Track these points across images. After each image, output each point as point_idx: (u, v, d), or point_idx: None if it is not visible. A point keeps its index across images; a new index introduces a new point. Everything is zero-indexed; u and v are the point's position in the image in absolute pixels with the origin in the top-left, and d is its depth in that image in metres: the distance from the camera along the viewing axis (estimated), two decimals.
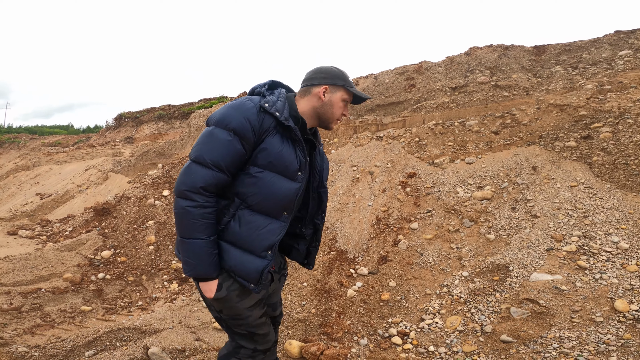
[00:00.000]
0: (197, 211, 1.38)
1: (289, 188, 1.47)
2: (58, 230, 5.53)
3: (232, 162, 1.41)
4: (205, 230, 1.40)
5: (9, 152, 15.00)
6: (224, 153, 1.38)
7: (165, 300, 4.14)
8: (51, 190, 9.20)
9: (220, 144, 1.39)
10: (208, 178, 1.38)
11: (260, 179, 1.43)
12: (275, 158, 1.43)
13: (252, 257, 1.46)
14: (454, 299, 3.39)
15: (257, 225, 1.45)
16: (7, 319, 3.79)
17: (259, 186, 1.44)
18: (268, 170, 1.44)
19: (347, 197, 5.13)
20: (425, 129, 6.02)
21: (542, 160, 4.66)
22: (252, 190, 1.44)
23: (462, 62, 7.14)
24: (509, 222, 3.97)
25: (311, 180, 1.65)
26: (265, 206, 1.46)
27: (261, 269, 1.46)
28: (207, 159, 1.38)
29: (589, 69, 6.10)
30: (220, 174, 1.40)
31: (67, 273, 4.26)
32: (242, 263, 1.45)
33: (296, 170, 1.48)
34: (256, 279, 1.47)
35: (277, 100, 1.48)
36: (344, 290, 3.75)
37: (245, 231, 1.45)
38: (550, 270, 3.19)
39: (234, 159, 1.40)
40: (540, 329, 2.70)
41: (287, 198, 1.47)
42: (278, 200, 1.46)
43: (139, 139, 11.81)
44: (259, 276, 1.46)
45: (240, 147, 1.40)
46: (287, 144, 1.46)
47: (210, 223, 1.41)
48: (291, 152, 1.46)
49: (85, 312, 3.93)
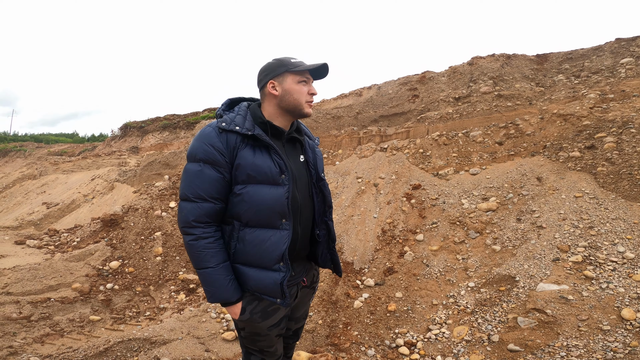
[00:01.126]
0: (198, 243, 1.44)
1: (276, 193, 1.45)
2: (66, 240, 5.59)
3: (211, 189, 1.44)
4: (211, 259, 1.44)
5: (15, 161, 15.15)
6: (199, 184, 1.43)
7: (172, 311, 4.16)
8: (57, 200, 9.28)
9: (194, 176, 1.44)
10: (195, 211, 1.44)
11: (245, 194, 1.45)
12: (251, 169, 1.44)
13: (267, 272, 1.46)
14: (461, 309, 3.41)
15: (260, 241, 1.46)
16: (17, 328, 3.82)
17: (246, 201, 1.45)
18: (251, 184, 1.45)
19: (353, 209, 5.17)
20: (429, 140, 6.07)
21: (546, 170, 4.69)
22: (242, 207, 1.46)
23: (465, 72, 7.21)
24: (515, 233, 3.99)
25: (310, 177, 1.63)
26: (260, 219, 1.46)
27: (279, 282, 1.46)
28: (188, 193, 1.45)
29: (592, 78, 6.15)
30: (205, 204, 1.44)
31: (76, 283, 4.30)
32: (260, 281, 1.47)
33: (277, 173, 1.46)
34: (279, 293, 1.47)
35: (236, 116, 1.50)
36: (351, 301, 3.77)
37: (251, 249, 1.47)
38: (557, 281, 3.21)
39: (212, 185, 1.44)
40: (548, 337, 2.72)
41: (277, 204, 1.44)
42: (269, 209, 1.44)
43: (144, 149, 11.92)
44: (280, 289, 1.46)
45: (214, 172, 1.44)
46: (259, 152, 1.47)
47: (215, 251, 1.45)
48: (266, 158, 1.46)
49: (94, 322, 3.96)
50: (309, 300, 1.81)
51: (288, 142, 1.61)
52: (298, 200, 1.54)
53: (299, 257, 1.62)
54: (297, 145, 1.65)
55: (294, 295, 1.63)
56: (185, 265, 4.82)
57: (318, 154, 1.72)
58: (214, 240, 1.46)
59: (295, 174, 1.55)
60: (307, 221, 1.60)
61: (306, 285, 1.69)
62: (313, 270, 1.75)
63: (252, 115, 1.54)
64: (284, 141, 1.59)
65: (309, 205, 1.61)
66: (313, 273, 1.75)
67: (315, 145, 1.73)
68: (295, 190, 1.53)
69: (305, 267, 1.68)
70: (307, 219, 1.60)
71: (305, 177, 1.61)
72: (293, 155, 1.61)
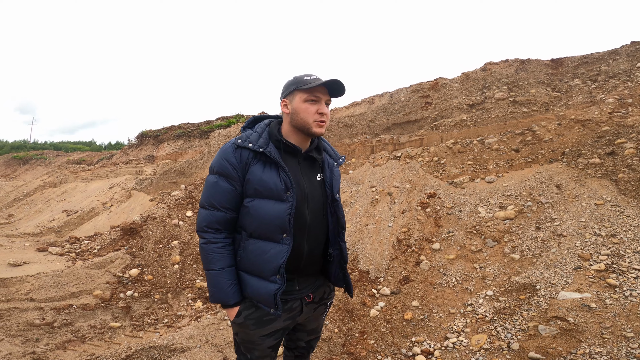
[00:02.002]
0: (208, 247, 1.57)
1: (279, 209, 1.51)
2: (86, 247, 5.73)
3: (223, 200, 1.56)
4: (217, 262, 1.56)
5: (35, 169, 15.64)
6: (214, 193, 1.57)
7: (190, 318, 4.21)
8: (77, 207, 9.52)
9: (210, 187, 1.59)
10: (208, 217, 1.57)
11: (251, 207, 1.54)
12: (258, 184, 1.52)
13: (264, 282, 1.54)
14: (479, 317, 3.36)
15: (261, 251, 1.54)
16: (40, 334, 3.92)
17: (251, 214, 1.54)
18: (257, 198, 1.54)
19: (367, 218, 5.16)
20: (443, 147, 6.04)
21: (565, 178, 4.62)
22: (248, 219, 1.56)
23: (478, 78, 7.16)
24: (534, 242, 3.92)
25: (325, 196, 1.66)
26: (262, 231, 1.54)
27: (273, 293, 1.51)
28: (204, 201, 1.60)
29: (609, 82, 6.04)
30: (216, 212, 1.57)
31: (97, 290, 4.40)
32: (257, 289, 1.55)
33: (282, 190, 1.52)
34: (272, 303, 1.53)
35: (252, 133, 1.60)
36: (367, 310, 3.76)
37: (253, 258, 1.55)
38: (579, 289, 3.14)
39: (224, 196, 1.56)
40: (570, 345, 2.67)
41: (279, 219, 1.50)
42: (271, 223, 1.51)
43: (160, 157, 12.16)
44: (274, 300, 1.51)
45: (227, 184, 1.56)
46: (269, 168, 1.54)
47: (222, 256, 1.57)
48: (273, 175, 1.53)
49: (114, 329, 4.04)
50: (320, 315, 1.84)
51: (305, 160, 1.65)
52: (306, 217, 1.58)
53: (306, 274, 1.66)
54: (315, 163, 1.68)
55: (297, 309, 1.67)
56: (201, 273, 4.88)
57: (335, 173, 1.73)
58: (222, 246, 1.57)
59: (306, 192, 1.59)
60: (317, 239, 1.64)
61: (312, 301, 1.71)
62: (325, 287, 1.78)
63: (269, 132, 1.62)
64: (300, 159, 1.63)
65: (322, 223, 1.65)
66: (324, 290, 1.77)
67: (334, 165, 1.74)
68: (304, 208, 1.58)
69: (315, 284, 1.72)
70: (317, 237, 1.64)
71: (320, 195, 1.64)
72: (310, 173, 1.65)
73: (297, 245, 1.57)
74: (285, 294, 1.60)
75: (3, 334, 3.81)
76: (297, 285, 1.64)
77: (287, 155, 1.61)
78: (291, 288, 1.62)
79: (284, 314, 1.63)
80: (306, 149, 1.65)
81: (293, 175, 1.58)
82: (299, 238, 1.57)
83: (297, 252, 1.58)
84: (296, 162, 1.62)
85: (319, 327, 1.91)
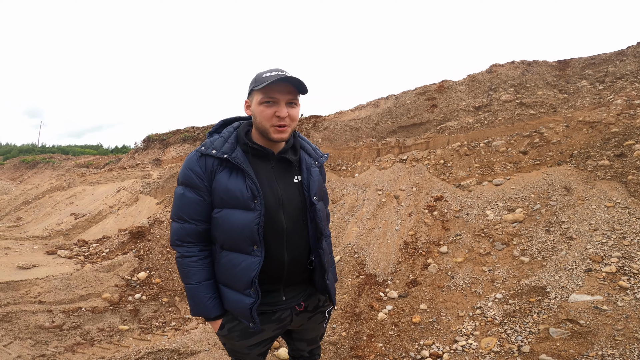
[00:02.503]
0: (183, 261, 1.51)
1: (246, 218, 1.41)
2: (95, 251, 5.77)
3: (192, 211, 1.48)
4: (193, 276, 1.50)
5: (43, 172, 15.81)
6: (181, 205, 1.49)
7: (197, 321, 4.22)
8: (85, 211, 9.60)
9: (178, 199, 1.51)
10: (179, 231, 1.51)
11: (219, 218, 1.46)
12: (224, 193, 1.43)
13: (239, 295, 1.46)
14: (488, 320, 3.34)
15: (233, 264, 1.46)
16: (49, 337, 3.95)
17: (220, 224, 1.46)
18: (225, 208, 1.45)
19: (374, 222, 5.15)
20: (450, 150, 6.02)
21: (574, 180, 4.58)
22: (218, 230, 1.47)
23: (484, 80, 7.15)
24: (544, 245, 3.89)
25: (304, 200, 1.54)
26: (232, 243, 1.45)
27: (249, 307, 1.44)
28: (174, 214, 1.53)
29: (617, 83, 5.99)
30: (186, 225, 1.49)
31: (105, 293, 4.43)
32: (234, 302, 1.48)
33: (248, 198, 1.41)
34: (249, 317, 1.45)
35: (218, 138, 1.50)
36: (375, 314, 3.74)
37: (226, 271, 1.48)
38: (590, 291, 3.12)
39: (192, 208, 1.48)
40: (582, 347, 2.64)
41: (246, 229, 1.40)
42: (238, 234, 1.42)
43: (166, 161, 12.25)
44: (250, 314, 1.44)
45: (194, 195, 1.47)
46: (235, 175, 1.44)
47: (197, 270, 1.50)
48: (239, 182, 1.42)
49: (123, 331, 4.05)
50: (319, 324, 1.76)
51: (279, 163, 1.54)
52: (283, 224, 1.48)
53: (292, 283, 1.56)
54: (291, 165, 1.55)
55: (288, 319, 1.60)
56: None
57: (313, 174, 1.57)
58: (197, 260, 1.50)
59: (281, 197, 1.48)
60: (298, 247, 1.52)
61: (304, 310, 1.64)
62: (319, 295, 1.67)
63: (236, 136, 1.51)
64: (273, 162, 1.52)
65: (303, 229, 1.53)
66: (319, 298, 1.68)
67: (312, 164, 1.59)
68: (279, 215, 1.47)
69: (306, 292, 1.63)
70: (298, 244, 1.52)
71: (297, 200, 1.53)
72: (285, 176, 1.53)
73: (276, 254, 1.47)
74: (271, 305, 1.53)
75: (12, 336, 3.84)
76: (283, 296, 1.55)
77: (257, 159, 1.49)
78: (277, 299, 1.54)
79: (272, 324, 1.57)
80: (280, 150, 1.52)
81: (265, 180, 1.47)
82: (277, 247, 1.47)
83: (278, 261, 1.48)
84: (268, 166, 1.51)
85: (320, 336, 1.85)
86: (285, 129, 1.42)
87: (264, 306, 1.51)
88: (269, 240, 1.46)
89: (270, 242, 1.46)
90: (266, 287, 1.50)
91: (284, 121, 1.41)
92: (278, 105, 1.40)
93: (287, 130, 1.43)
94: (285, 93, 1.40)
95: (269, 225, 1.45)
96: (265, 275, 1.47)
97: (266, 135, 1.44)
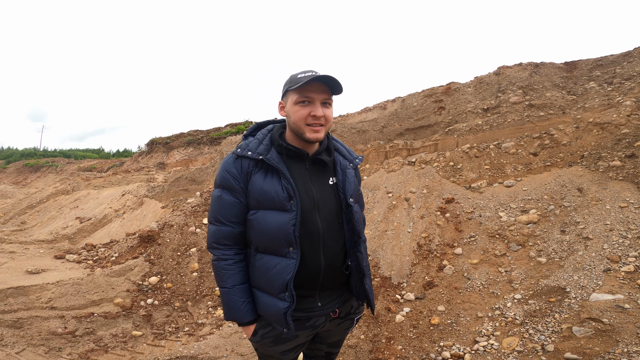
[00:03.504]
0: (219, 264, 1.51)
1: (282, 220, 1.39)
2: (103, 255, 5.73)
3: (229, 213, 1.48)
4: (227, 279, 1.49)
5: (47, 176, 15.76)
6: (218, 207, 1.49)
7: (211, 326, 4.18)
8: (90, 215, 9.56)
9: (215, 201, 1.51)
10: (216, 233, 1.51)
11: (254, 219, 1.45)
12: (259, 194, 1.42)
13: (273, 299, 1.44)
14: (509, 320, 3.32)
15: (268, 267, 1.43)
16: (62, 343, 3.90)
17: (255, 226, 1.45)
18: (261, 209, 1.44)
19: (386, 224, 5.14)
20: (459, 152, 6.02)
21: (586, 181, 4.58)
22: (253, 232, 1.46)
23: (491, 82, 7.16)
24: (560, 245, 3.88)
25: (339, 202, 1.52)
26: (267, 245, 1.44)
27: (283, 312, 1.41)
28: (211, 217, 1.53)
29: (625, 84, 6.01)
30: (222, 227, 1.49)
31: (117, 298, 4.39)
32: (267, 307, 1.45)
33: (284, 199, 1.39)
34: (283, 322, 1.42)
35: (252, 140, 1.51)
36: (392, 316, 3.72)
37: (260, 274, 1.46)
38: (611, 290, 3.12)
39: (228, 210, 1.48)
40: (607, 345, 2.64)
41: (282, 231, 1.38)
42: (274, 235, 1.40)
43: (170, 165, 12.23)
44: (284, 319, 1.41)
45: (230, 197, 1.47)
46: (270, 177, 1.43)
47: (232, 273, 1.49)
48: (275, 183, 1.41)
49: (136, 337, 4.01)
50: (345, 330, 1.73)
51: (314, 164, 1.52)
52: (319, 227, 1.45)
53: (328, 288, 1.53)
54: (326, 166, 1.54)
55: (320, 326, 1.57)
56: None
57: (349, 175, 1.55)
58: (233, 263, 1.49)
59: (316, 199, 1.46)
60: (334, 250, 1.49)
61: (337, 316, 1.60)
62: (353, 301, 1.65)
63: (271, 138, 1.51)
64: (308, 163, 1.51)
65: (339, 232, 1.50)
66: (352, 304, 1.65)
67: (347, 166, 1.58)
68: (315, 216, 1.45)
69: (340, 298, 1.59)
70: (334, 247, 1.49)
71: (333, 202, 1.50)
72: (320, 178, 1.52)
73: (313, 257, 1.44)
74: (306, 311, 1.50)
75: (25, 343, 3.80)
76: (319, 302, 1.51)
77: (291, 160, 1.48)
78: (312, 305, 1.51)
79: (306, 330, 1.54)
80: (314, 152, 1.52)
81: (300, 181, 1.45)
82: (312, 251, 1.44)
83: (314, 265, 1.45)
84: (303, 167, 1.49)
85: (341, 341, 1.81)
86: (321, 129, 1.43)
87: (298, 312, 1.48)
88: (305, 243, 1.43)
89: (306, 245, 1.43)
90: (301, 292, 1.46)
91: (319, 120, 1.41)
92: (313, 104, 1.40)
93: (322, 130, 1.43)
94: (320, 92, 1.40)
95: (305, 227, 1.43)
96: (300, 279, 1.43)
97: (301, 136, 1.44)
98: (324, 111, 1.41)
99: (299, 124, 1.42)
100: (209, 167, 10.08)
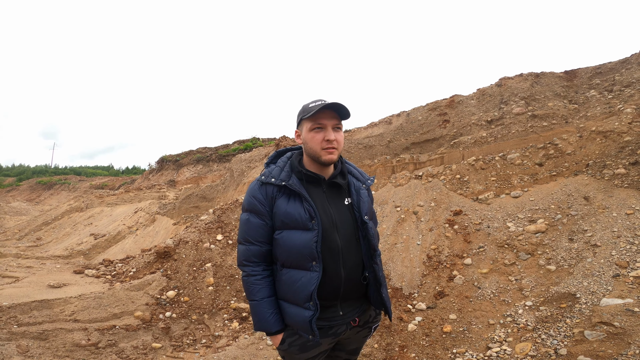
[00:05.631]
0: (248, 279, 1.68)
1: (305, 238, 1.55)
2: (121, 270, 5.89)
3: (256, 234, 1.66)
4: (257, 293, 1.65)
5: (59, 193, 16.09)
6: (247, 229, 1.68)
7: (228, 339, 4.29)
8: (104, 231, 9.78)
9: (244, 224, 1.70)
10: (245, 252, 1.69)
11: (280, 239, 1.62)
12: (284, 216, 1.60)
13: (299, 309, 1.58)
14: (521, 327, 3.39)
15: (293, 280, 1.59)
16: (86, 355, 4.03)
17: (281, 244, 1.61)
18: (285, 229, 1.61)
19: (395, 237, 5.25)
20: (465, 165, 6.15)
21: (592, 189, 4.67)
22: (279, 250, 1.63)
23: (494, 93, 7.32)
24: (569, 253, 3.96)
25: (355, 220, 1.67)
26: (292, 261, 1.59)
27: (308, 320, 1.54)
28: (240, 238, 1.72)
29: (625, 91, 6.12)
30: (251, 246, 1.67)
31: (137, 311, 4.53)
32: (294, 316, 1.60)
33: (306, 219, 1.57)
34: (308, 330, 1.56)
35: (274, 168, 1.70)
36: (405, 325, 3.80)
37: (286, 287, 1.62)
38: (621, 295, 3.19)
39: (256, 231, 1.66)
40: (619, 348, 2.70)
41: (306, 247, 1.55)
42: (299, 251, 1.56)
43: (181, 182, 12.48)
44: (310, 326, 1.55)
45: (258, 220, 1.66)
46: (293, 200, 1.61)
47: (261, 287, 1.65)
48: (297, 206, 1.59)
49: (156, 349, 4.13)
50: (363, 338, 1.86)
51: (331, 187, 1.69)
52: (338, 243, 1.61)
53: (349, 298, 1.67)
54: (341, 189, 1.71)
55: (341, 334, 1.70)
56: (235, 294, 4.98)
57: (362, 196, 1.72)
58: (261, 278, 1.66)
59: (334, 218, 1.63)
60: (353, 263, 1.64)
61: (357, 325, 1.74)
62: (371, 311, 1.78)
63: (290, 165, 1.71)
64: (325, 186, 1.68)
65: (356, 248, 1.66)
66: (370, 314, 1.78)
67: (360, 187, 1.74)
68: (334, 234, 1.61)
69: (360, 308, 1.73)
70: (353, 261, 1.64)
71: (349, 220, 1.66)
72: (336, 199, 1.68)
73: (334, 271, 1.59)
74: (329, 320, 1.64)
75: (51, 354, 3.94)
76: (340, 311, 1.66)
77: (310, 185, 1.65)
78: (334, 314, 1.64)
79: (329, 338, 1.67)
80: (330, 176, 1.69)
81: (319, 203, 1.62)
82: (333, 264, 1.59)
83: (335, 278, 1.59)
84: (321, 191, 1.66)
85: (359, 349, 1.94)
86: (334, 151, 1.61)
87: (322, 321, 1.62)
88: (326, 258, 1.59)
89: (327, 260, 1.59)
90: (324, 302, 1.61)
91: (332, 144, 1.59)
92: (326, 130, 1.59)
93: (335, 152, 1.61)
94: (331, 119, 1.59)
95: (326, 244, 1.59)
96: (323, 290, 1.59)
97: (317, 159, 1.62)
98: (335, 135, 1.60)
99: (315, 148, 1.60)
100: (218, 185, 10.29)
